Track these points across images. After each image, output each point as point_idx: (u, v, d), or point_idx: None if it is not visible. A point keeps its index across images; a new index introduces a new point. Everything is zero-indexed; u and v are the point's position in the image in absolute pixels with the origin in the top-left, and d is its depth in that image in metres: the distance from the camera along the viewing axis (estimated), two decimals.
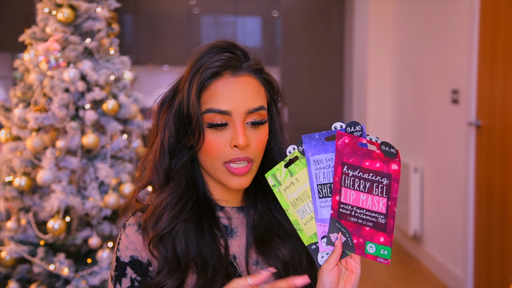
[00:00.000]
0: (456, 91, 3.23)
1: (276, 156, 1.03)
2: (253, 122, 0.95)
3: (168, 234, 0.94)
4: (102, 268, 2.29)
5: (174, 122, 0.97)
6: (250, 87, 0.95)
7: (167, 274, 0.92)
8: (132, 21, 5.47)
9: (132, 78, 2.60)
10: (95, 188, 2.29)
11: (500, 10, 2.77)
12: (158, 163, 0.97)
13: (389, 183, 0.88)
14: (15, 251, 2.26)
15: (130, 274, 0.95)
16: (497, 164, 2.79)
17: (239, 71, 0.96)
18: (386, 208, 0.88)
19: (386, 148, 0.89)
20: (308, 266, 1.02)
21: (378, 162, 0.88)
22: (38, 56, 2.35)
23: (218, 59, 0.94)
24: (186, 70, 0.97)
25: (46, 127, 2.35)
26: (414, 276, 3.55)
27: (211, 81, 0.94)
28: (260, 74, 0.98)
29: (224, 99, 0.93)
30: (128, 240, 0.96)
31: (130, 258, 0.95)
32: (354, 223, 0.88)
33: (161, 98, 1.00)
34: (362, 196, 0.88)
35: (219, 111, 0.92)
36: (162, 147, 0.97)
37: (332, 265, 0.87)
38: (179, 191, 0.97)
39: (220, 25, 5.56)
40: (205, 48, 0.97)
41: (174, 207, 0.95)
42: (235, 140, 0.92)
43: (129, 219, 0.99)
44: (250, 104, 0.94)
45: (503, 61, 2.73)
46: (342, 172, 0.89)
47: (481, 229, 2.97)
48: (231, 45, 0.98)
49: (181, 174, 0.98)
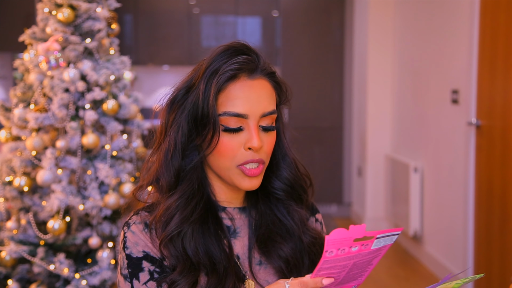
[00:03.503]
0: (456, 91, 3.23)
1: (278, 158, 1.04)
2: (264, 128, 0.96)
3: (177, 235, 0.94)
4: (102, 268, 2.29)
5: (187, 122, 0.96)
6: (265, 91, 0.96)
7: (181, 273, 0.92)
8: (132, 21, 5.46)
9: (132, 78, 2.60)
10: (95, 188, 2.29)
11: (500, 10, 2.77)
12: (170, 163, 0.97)
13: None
14: (15, 251, 2.26)
15: (147, 267, 0.94)
16: (497, 164, 2.79)
17: (255, 74, 0.96)
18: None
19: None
20: (310, 265, 1.02)
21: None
22: (38, 56, 2.35)
23: (236, 62, 0.94)
24: (201, 70, 0.96)
25: (46, 127, 2.35)
26: (414, 276, 3.55)
27: (228, 83, 0.94)
28: (273, 78, 0.99)
29: (241, 102, 0.93)
30: (136, 237, 0.95)
31: (143, 253, 0.95)
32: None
33: (170, 97, 0.99)
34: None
35: (236, 114, 0.93)
36: (175, 147, 0.96)
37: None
38: (190, 193, 0.97)
39: (220, 25, 5.56)
40: (220, 49, 0.96)
41: (185, 208, 0.95)
42: (250, 142, 0.93)
43: (132, 218, 0.98)
44: (265, 108, 0.95)
45: (503, 61, 2.73)
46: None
47: (481, 229, 2.97)
48: (246, 47, 0.98)
49: (192, 176, 0.97)
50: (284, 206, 1.03)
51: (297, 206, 1.04)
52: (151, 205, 1.00)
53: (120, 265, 0.96)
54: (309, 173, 1.07)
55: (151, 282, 0.93)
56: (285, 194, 1.03)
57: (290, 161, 1.04)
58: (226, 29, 5.52)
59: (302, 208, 1.05)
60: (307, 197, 1.07)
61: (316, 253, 1.04)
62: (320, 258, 1.01)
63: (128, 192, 2.31)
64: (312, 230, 1.05)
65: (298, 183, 1.05)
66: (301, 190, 1.05)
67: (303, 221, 1.04)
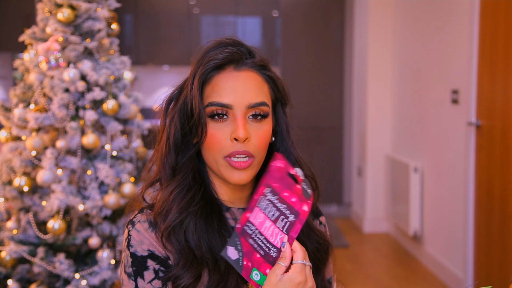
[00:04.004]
0: (456, 91, 3.23)
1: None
2: (253, 114, 0.95)
3: (179, 226, 0.94)
4: (102, 268, 2.29)
5: (179, 117, 0.97)
6: (252, 82, 0.96)
7: (184, 266, 0.92)
8: (132, 21, 5.47)
9: (132, 78, 2.60)
10: (95, 188, 2.29)
11: (500, 10, 2.77)
12: (165, 159, 0.98)
13: (294, 221, 0.89)
14: (15, 251, 2.26)
15: (152, 266, 0.94)
16: (497, 164, 2.79)
17: (242, 65, 0.96)
18: (281, 244, 0.88)
19: (305, 186, 0.90)
20: (315, 271, 1.02)
21: (295, 197, 0.89)
22: (38, 56, 2.35)
23: (221, 52, 0.95)
24: (192, 65, 0.98)
25: (46, 127, 2.35)
26: (414, 276, 3.55)
27: (213, 74, 0.95)
28: (264, 71, 0.99)
29: (225, 92, 0.93)
30: (141, 235, 0.95)
31: (148, 251, 0.94)
32: (251, 245, 0.88)
33: (167, 96, 1.01)
34: (267, 223, 0.89)
35: (221, 104, 0.93)
36: (168, 142, 0.98)
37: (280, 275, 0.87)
38: (186, 183, 0.97)
39: (220, 25, 5.56)
40: (210, 44, 0.98)
41: (182, 199, 0.96)
42: (235, 132, 0.93)
43: (136, 216, 0.98)
44: (252, 99, 0.94)
45: (503, 61, 2.73)
46: (263, 193, 0.90)
47: (481, 229, 2.97)
48: (236, 42, 0.98)
49: (187, 167, 0.98)
50: None
51: None
52: (154, 203, 1.00)
53: (124, 263, 0.96)
54: (314, 175, 1.06)
55: (156, 281, 0.93)
56: None
57: (294, 161, 1.03)
58: (226, 29, 5.52)
59: None
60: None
61: (321, 258, 1.04)
62: (324, 262, 1.02)
63: (136, 192, 2.31)
64: (317, 231, 1.05)
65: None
66: None
67: (308, 224, 1.03)
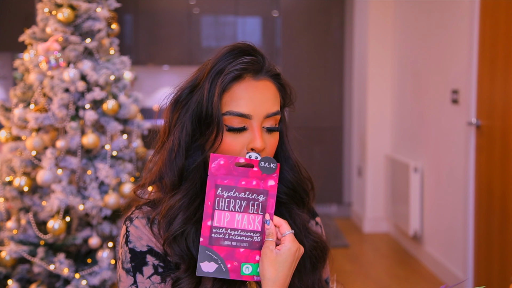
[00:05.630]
0: (456, 91, 3.23)
1: (281, 161, 1.03)
2: (269, 128, 0.96)
3: (181, 234, 0.94)
4: (102, 268, 2.29)
5: (191, 121, 0.96)
6: (269, 92, 0.97)
7: (186, 271, 0.92)
8: (132, 21, 5.47)
9: (132, 78, 2.60)
10: (95, 188, 2.29)
11: (500, 10, 2.77)
12: (174, 163, 0.96)
13: (265, 199, 0.90)
14: (15, 251, 2.26)
15: (151, 261, 0.94)
16: (497, 164, 2.79)
17: (260, 75, 0.97)
18: (261, 225, 0.90)
19: (266, 164, 0.91)
20: (311, 269, 1.02)
21: (255, 179, 0.90)
22: (38, 56, 2.35)
23: (241, 62, 0.95)
24: (206, 70, 0.96)
25: (46, 127, 2.35)
26: (414, 276, 3.55)
27: (232, 83, 0.95)
28: (278, 80, 1.00)
29: (245, 102, 0.93)
30: (139, 231, 0.95)
31: (147, 247, 0.94)
32: (228, 246, 0.89)
33: (174, 96, 0.99)
34: (237, 216, 0.90)
35: (240, 114, 0.93)
36: (178, 146, 0.96)
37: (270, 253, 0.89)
38: (193, 193, 0.96)
39: (220, 25, 5.56)
40: (225, 50, 0.97)
41: (188, 208, 0.95)
42: (253, 143, 0.93)
43: (134, 212, 0.98)
44: (269, 109, 0.95)
45: (503, 61, 2.73)
46: (216, 195, 0.90)
47: (481, 229, 2.97)
48: (251, 48, 0.98)
49: (195, 176, 0.97)
50: (287, 209, 1.03)
51: (298, 210, 1.03)
52: (153, 201, 1.00)
53: (122, 260, 0.96)
54: (310, 176, 1.07)
55: (155, 276, 0.93)
56: (287, 197, 1.02)
57: (293, 163, 1.03)
58: (226, 29, 5.52)
59: (304, 211, 1.05)
60: (309, 201, 1.07)
61: (318, 256, 1.04)
62: (321, 261, 1.02)
63: (129, 192, 2.31)
64: (313, 233, 1.05)
65: (301, 186, 1.04)
66: (303, 193, 1.05)
67: (304, 224, 1.03)
